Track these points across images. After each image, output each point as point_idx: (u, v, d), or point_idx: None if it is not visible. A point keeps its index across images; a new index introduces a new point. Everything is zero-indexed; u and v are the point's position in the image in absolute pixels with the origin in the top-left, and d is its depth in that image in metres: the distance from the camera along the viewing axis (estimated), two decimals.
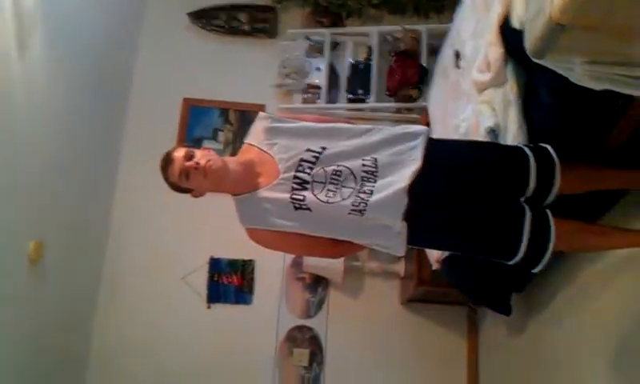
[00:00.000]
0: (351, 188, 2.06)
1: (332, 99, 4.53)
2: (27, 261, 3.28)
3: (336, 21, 4.68)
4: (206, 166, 2.03)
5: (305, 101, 4.50)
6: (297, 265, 4.27)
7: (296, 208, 2.07)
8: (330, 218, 2.08)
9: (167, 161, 2.07)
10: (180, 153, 2.05)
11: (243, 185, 2.13)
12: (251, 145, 2.20)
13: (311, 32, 4.63)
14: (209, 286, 4.30)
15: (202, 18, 4.75)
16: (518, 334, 3.33)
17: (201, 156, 2.05)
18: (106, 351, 4.15)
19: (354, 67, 4.50)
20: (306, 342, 4.23)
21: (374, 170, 2.09)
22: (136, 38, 4.74)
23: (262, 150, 2.17)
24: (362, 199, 2.04)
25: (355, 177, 2.07)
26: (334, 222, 2.09)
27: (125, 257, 4.31)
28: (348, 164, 2.09)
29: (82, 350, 4.10)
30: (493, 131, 2.45)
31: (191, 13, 4.74)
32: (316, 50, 4.57)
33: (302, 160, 2.10)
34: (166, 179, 2.10)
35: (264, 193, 2.10)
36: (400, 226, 2.06)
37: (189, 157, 2.04)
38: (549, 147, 2.15)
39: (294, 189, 2.07)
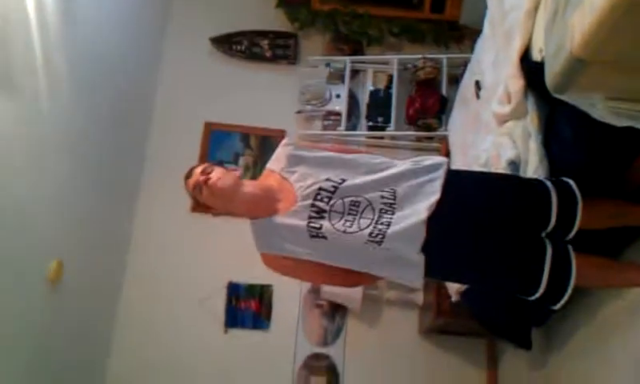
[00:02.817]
0: (369, 219, 2.05)
1: (352, 126, 4.53)
2: (47, 280, 3.29)
3: (356, 49, 4.70)
4: (215, 184, 2.05)
5: (325, 127, 4.51)
6: (315, 292, 4.24)
7: (312, 236, 2.07)
8: (345, 248, 2.07)
9: (188, 173, 2.13)
10: (200, 168, 2.10)
11: (261, 209, 2.13)
12: (272, 171, 2.22)
13: (332, 59, 4.65)
14: (226, 311, 4.28)
15: (224, 43, 4.81)
16: (538, 369, 3.26)
17: (215, 174, 2.07)
18: (123, 373, 4.14)
19: (374, 95, 4.50)
20: (323, 370, 4.18)
21: (392, 201, 2.08)
22: (158, 62, 4.80)
23: (282, 176, 2.17)
24: (380, 230, 2.03)
25: (373, 208, 2.07)
26: (350, 251, 2.08)
27: (144, 278, 4.31)
28: (367, 195, 2.09)
29: (99, 371, 4.09)
30: (513, 163, 2.43)
31: (213, 38, 4.80)
32: (336, 77, 4.58)
33: (321, 189, 2.10)
34: (187, 191, 2.15)
35: (281, 219, 2.10)
36: (417, 258, 2.05)
37: (205, 172, 2.08)
38: (571, 182, 2.13)
39: (310, 217, 2.07)
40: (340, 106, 4.48)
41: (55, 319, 3.44)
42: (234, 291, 4.31)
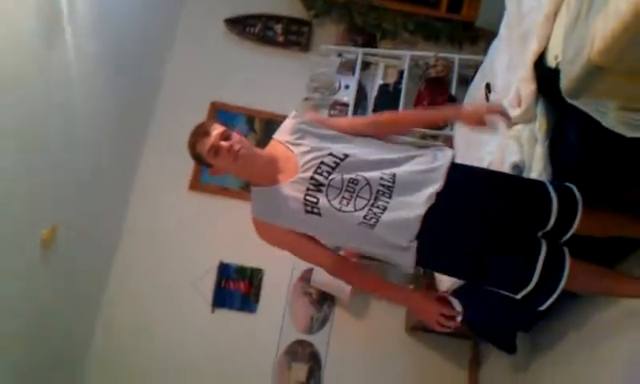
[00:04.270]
0: (365, 199, 2.06)
1: None
2: (40, 244, 3.29)
3: (370, 41, 4.69)
4: (238, 152, 2.04)
5: (331, 117, 4.51)
6: (305, 279, 4.26)
7: (306, 211, 2.08)
8: (338, 226, 2.08)
9: (202, 132, 2.08)
10: (217, 130, 2.06)
11: (263, 177, 2.14)
12: (278, 141, 2.22)
13: (344, 49, 4.65)
14: (215, 290, 4.30)
15: (238, 24, 4.81)
16: (519, 373, 3.29)
17: (236, 141, 2.06)
18: (107, 341, 4.18)
19: (383, 89, 4.51)
20: (305, 358, 4.20)
21: (390, 185, 2.08)
22: (172, 39, 4.81)
23: (286, 147, 2.17)
24: (375, 214, 2.04)
25: (371, 188, 2.07)
26: (342, 230, 2.10)
27: (136, 250, 4.35)
28: (366, 174, 2.09)
29: (84, 339, 4.12)
30: (517, 167, 2.44)
31: (228, 19, 4.81)
32: (347, 67, 4.58)
33: (322, 163, 2.11)
34: (193, 148, 2.10)
35: (280, 188, 2.11)
36: (409, 245, 2.06)
37: (225, 137, 2.06)
38: (574, 187, 2.14)
39: (308, 189, 2.08)
40: (348, 96, 4.48)
41: (46, 284, 3.44)
42: (225, 272, 4.33)
